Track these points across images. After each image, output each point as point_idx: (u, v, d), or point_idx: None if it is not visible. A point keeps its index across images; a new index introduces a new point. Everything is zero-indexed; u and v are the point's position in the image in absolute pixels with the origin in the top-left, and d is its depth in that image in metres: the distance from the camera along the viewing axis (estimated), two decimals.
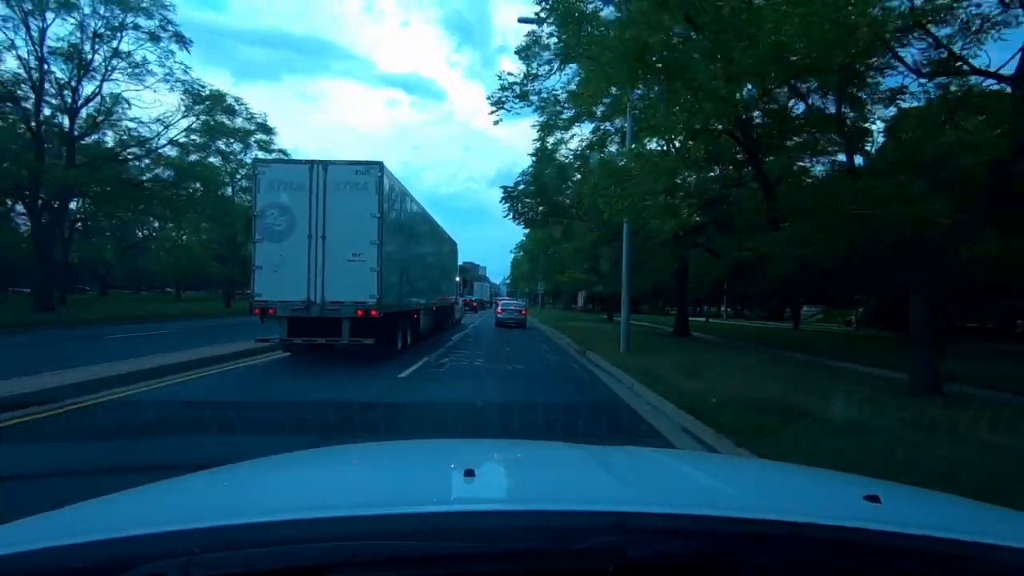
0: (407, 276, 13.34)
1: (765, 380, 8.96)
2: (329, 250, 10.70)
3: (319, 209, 10.70)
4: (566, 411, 6.92)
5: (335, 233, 10.72)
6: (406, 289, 13.24)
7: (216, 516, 0.94)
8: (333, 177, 10.73)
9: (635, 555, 0.80)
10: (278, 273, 10.64)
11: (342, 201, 10.73)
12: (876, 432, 5.52)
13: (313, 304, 10.67)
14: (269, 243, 10.67)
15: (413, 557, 0.82)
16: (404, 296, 13.10)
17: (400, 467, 1.56)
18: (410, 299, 13.76)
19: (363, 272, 10.67)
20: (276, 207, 10.68)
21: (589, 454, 1.61)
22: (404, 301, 13.09)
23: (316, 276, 10.69)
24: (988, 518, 1.23)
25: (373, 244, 10.70)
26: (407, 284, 13.34)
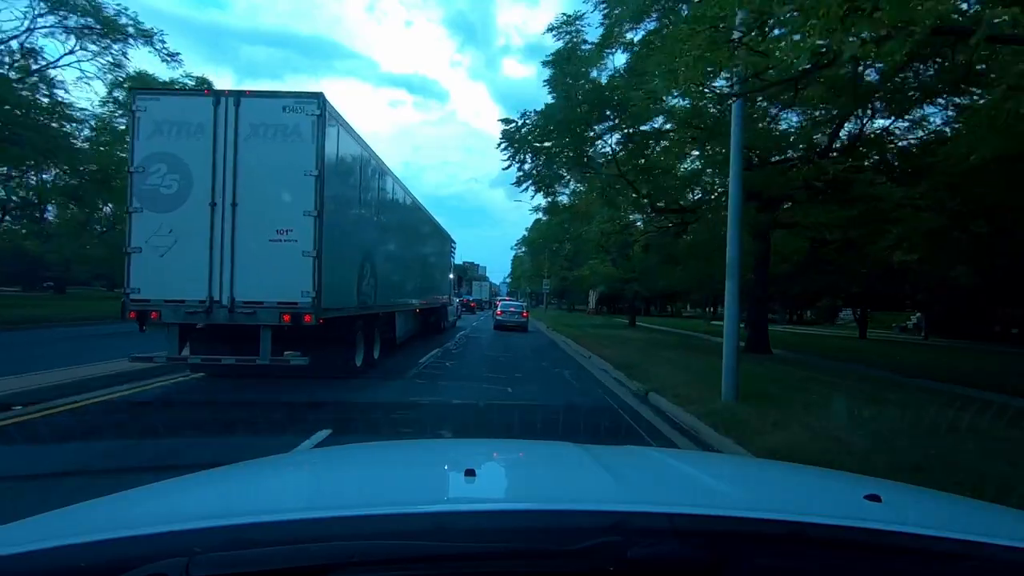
0: (374, 268, 9.81)
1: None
2: (242, 224, 7.17)
3: (228, 164, 7.17)
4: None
5: (252, 199, 7.19)
6: (371, 285, 9.71)
7: (217, 516, 0.93)
8: (249, 115, 7.19)
9: (636, 555, 0.80)
10: (166, 259, 7.11)
11: (262, 152, 7.20)
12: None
13: (217, 305, 7.14)
14: (152, 213, 7.13)
15: (414, 557, 0.82)
16: (368, 294, 9.56)
17: (401, 467, 1.55)
18: (379, 298, 10.24)
19: (292, 258, 7.14)
20: (163, 160, 7.14)
21: (589, 454, 1.59)
22: (368, 301, 9.56)
23: (222, 264, 7.16)
24: (989, 517, 1.23)
25: (309, 216, 7.16)
26: (373, 278, 9.81)
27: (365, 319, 9.47)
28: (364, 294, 9.34)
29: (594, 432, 5.65)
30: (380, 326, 10.81)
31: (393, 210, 11.83)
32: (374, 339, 10.24)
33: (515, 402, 7.23)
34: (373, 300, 9.91)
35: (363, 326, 9.36)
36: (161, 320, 7.12)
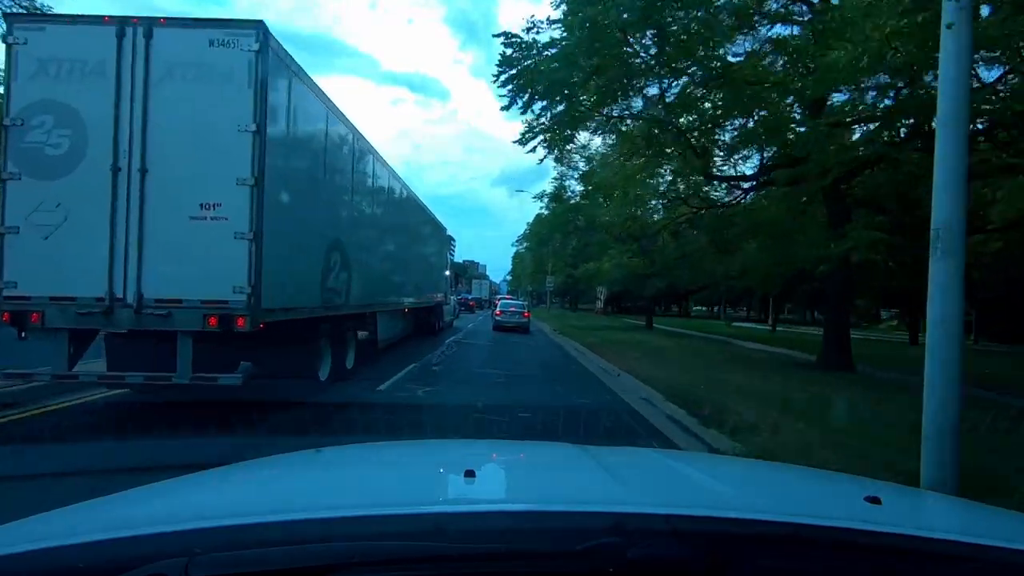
0: (345, 259, 8.02)
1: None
2: (155, 197, 5.38)
3: (136, 116, 5.37)
4: None
5: (167, 164, 5.39)
6: (342, 279, 7.92)
7: (217, 516, 0.94)
8: (165, 51, 5.39)
9: (635, 556, 0.80)
10: (52, 242, 5.31)
11: (182, 101, 5.40)
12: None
13: (120, 305, 5.34)
14: (34, 181, 5.33)
15: (413, 557, 0.82)
16: (338, 290, 7.78)
17: (401, 468, 1.55)
18: (354, 296, 8.45)
19: (221, 241, 5.34)
20: (49, 110, 5.33)
21: (589, 455, 1.59)
22: (337, 299, 7.77)
23: (127, 249, 5.36)
24: (988, 519, 1.23)
25: (244, 186, 5.36)
26: (345, 271, 8.02)
27: (333, 321, 7.67)
28: (332, 290, 7.54)
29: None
30: (356, 329, 9.01)
31: (376, 193, 10.03)
32: (346, 345, 8.44)
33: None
34: (345, 298, 8.11)
35: (330, 330, 7.56)
36: (45, 324, 5.32)
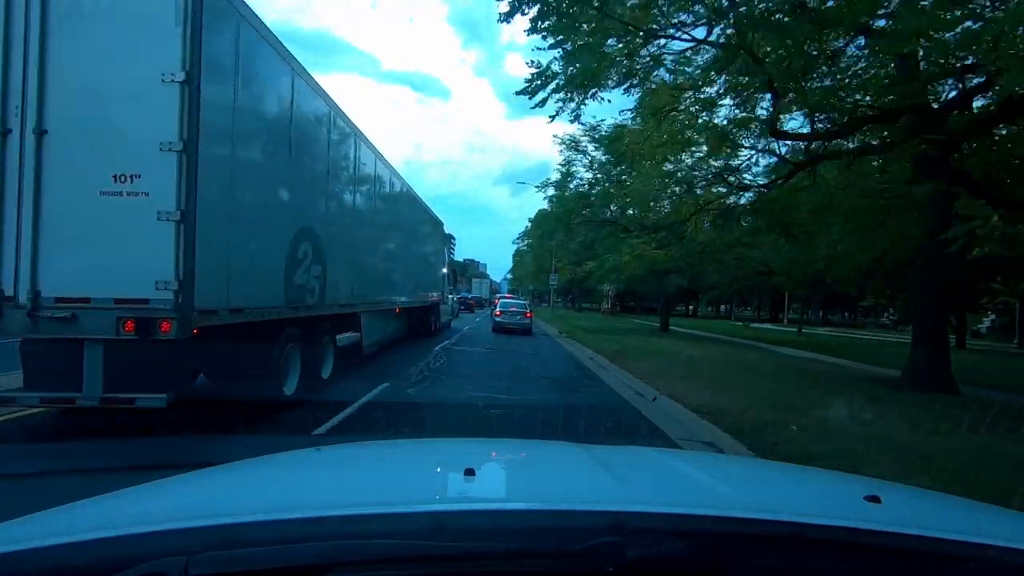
0: (319, 250, 6.84)
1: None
2: (56, 165, 4.18)
3: (31, 64, 4.17)
4: None
5: (72, 123, 4.20)
6: (315, 274, 6.74)
7: (215, 515, 0.92)
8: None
9: (635, 555, 0.79)
10: None
11: (90, 41, 4.20)
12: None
13: (9, 304, 4.15)
14: None
15: (412, 556, 0.82)
16: (309, 287, 6.60)
17: (400, 466, 1.53)
18: (330, 293, 7.27)
19: (142, 222, 4.15)
20: None
21: (589, 454, 1.58)
22: (308, 297, 6.59)
23: (20, 233, 4.16)
24: (989, 519, 1.22)
25: (170, 152, 4.16)
26: (319, 264, 6.84)
27: (304, 324, 6.49)
28: (301, 287, 6.36)
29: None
30: (334, 332, 7.83)
31: (361, 180, 8.86)
32: (322, 352, 7.26)
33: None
34: (319, 296, 6.92)
35: (300, 334, 6.38)
36: None
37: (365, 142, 8.96)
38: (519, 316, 20.48)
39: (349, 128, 8.14)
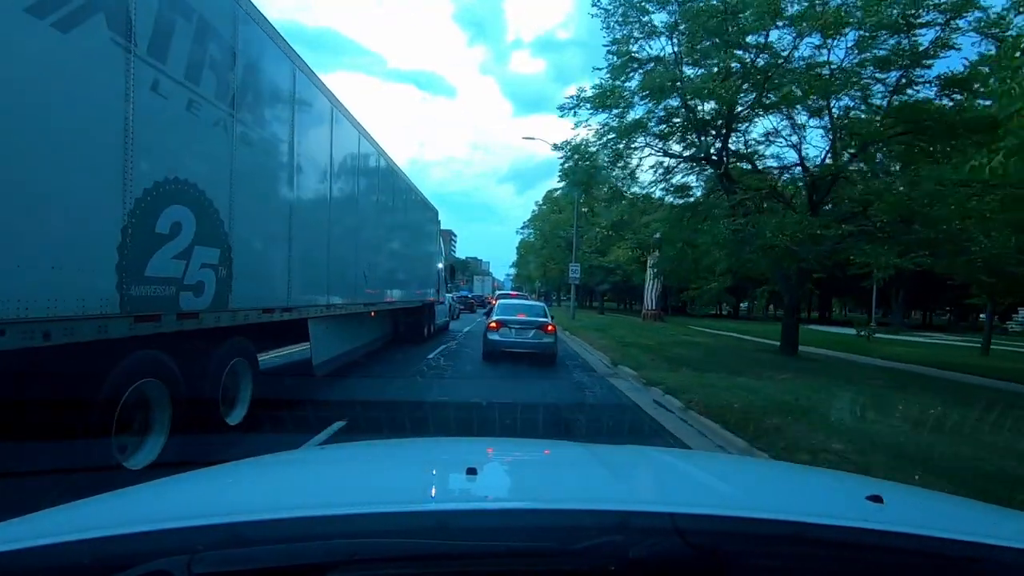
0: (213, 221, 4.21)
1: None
2: None
3: None
4: None
5: None
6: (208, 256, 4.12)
7: (218, 514, 0.92)
8: None
9: (637, 554, 0.78)
10: None
11: None
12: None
13: None
14: None
15: (415, 555, 0.81)
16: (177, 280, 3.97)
17: (403, 465, 1.51)
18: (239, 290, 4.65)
19: None
20: None
21: (591, 453, 1.59)
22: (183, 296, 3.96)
23: None
24: (992, 519, 1.21)
25: None
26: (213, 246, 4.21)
27: (178, 345, 3.86)
28: (165, 280, 3.72)
29: None
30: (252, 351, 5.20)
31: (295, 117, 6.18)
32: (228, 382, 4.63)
33: None
34: (212, 297, 4.27)
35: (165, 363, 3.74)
36: None
37: (327, 94, 6.41)
38: (533, 330, 10.80)
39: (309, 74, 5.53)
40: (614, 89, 13.70)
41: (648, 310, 31.58)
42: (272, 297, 5.35)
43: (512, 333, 10.80)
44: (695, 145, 14.18)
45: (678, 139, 14.59)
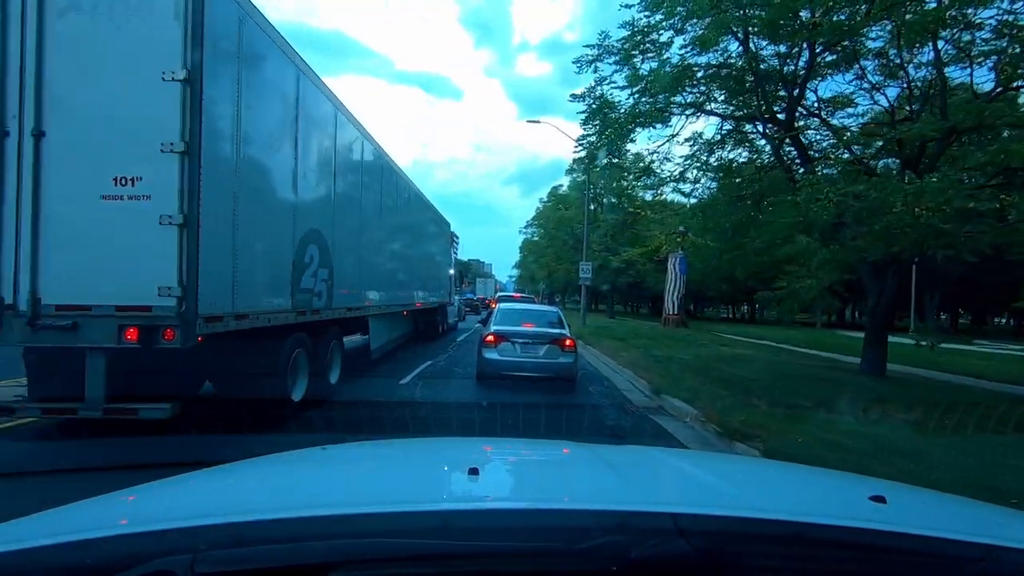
0: (327, 253, 6.69)
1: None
2: (54, 169, 4.04)
3: (28, 61, 4.03)
4: None
5: (70, 125, 4.05)
6: (322, 278, 6.58)
7: (221, 513, 0.92)
8: None
9: (639, 555, 0.78)
10: None
11: (88, 40, 4.05)
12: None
13: (10, 313, 4.01)
14: None
15: (417, 555, 0.81)
16: (316, 291, 6.44)
17: (404, 465, 1.53)
18: (338, 297, 7.11)
19: (144, 227, 4.00)
20: None
21: (594, 453, 1.58)
22: (316, 302, 6.43)
23: (19, 239, 4.02)
24: (995, 519, 1.21)
25: (171, 154, 4.01)
26: (326, 268, 6.68)
27: (311, 329, 6.33)
28: (307, 292, 6.20)
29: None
30: (341, 336, 7.67)
31: (367, 180, 8.68)
32: (330, 357, 7.10)
33: None
34: (327, 300, 6.76)
35: (306, 340, 6.22)
36: None
37: (370, 142, 8.81)
38: (546, 345, 8.03)
39: (355, 128, 7.98)
40: (652, 26, 10.00)
41: (669, 314, 27.33)
42: (351, 300, 7.82)
43: (516, 350, 7.92)
44: (753, 104, 10.63)
45: (727, 97, 10.97)
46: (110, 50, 4.03)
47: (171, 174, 4.00)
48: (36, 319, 3.98)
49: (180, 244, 4.00)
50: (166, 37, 4.01)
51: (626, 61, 10.56)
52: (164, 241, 3.99)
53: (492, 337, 8.06)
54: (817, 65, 10.13)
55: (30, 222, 3.99)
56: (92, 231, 4.01)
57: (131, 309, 3.98)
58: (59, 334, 3.98)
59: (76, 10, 4.03)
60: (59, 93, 4.03)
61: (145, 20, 4.02)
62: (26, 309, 3.99)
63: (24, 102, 4.01)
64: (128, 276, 3.99)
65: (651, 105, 10.59)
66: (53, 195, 4.02)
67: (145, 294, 3.97)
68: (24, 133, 4.01)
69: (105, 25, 4.03)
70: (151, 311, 3.98)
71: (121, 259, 4.00)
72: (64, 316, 3.99)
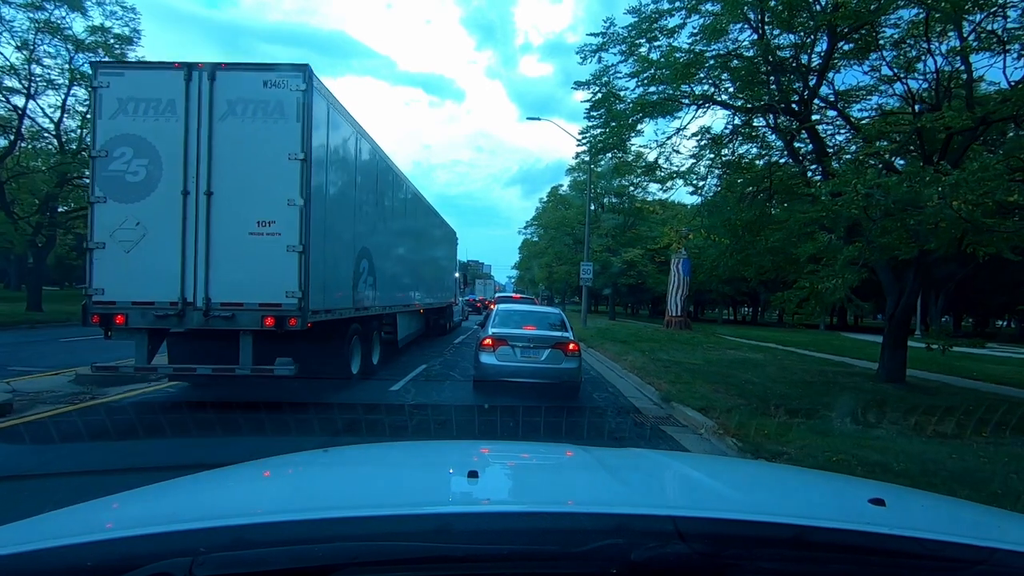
0: (372, 265, 8.94)
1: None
2: (219, 216, 6.30)
3: (202, 147, 6.30)
4: None
5: (229, 188, 6.32)
6: (369, 283, 8.84)
7: (221, 516, 0.93)
8: (226, 91, 6.31)
9: (639, 557, 0.79)
10: (133, 255, 6.25)
11: (241, 133, 6.32)
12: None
13: (191, 308, 6.27)
14: (117, 203, 6.27)
15: (417, 558, 0.82)
16: (366, 294, 8.70)
17: (404, 468, 1.53)
18: (379, 298, 9.37)
19: (276, 253, 6.26)
20: (129, 142, 6.27)
21: (592, 456, 1.57)
22: (366, 301, 8.69)
23: (196, 261, 6.29)
24: (994, 522, 1.20)
25: (294, 206, 6.28)
26: (371, 276, 8.94)
27: (362, 321, 8.60)
28: (361, 294, 8.47)
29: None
30: (380, 328, 9.94)
31: (393, 201, 10.95)
32: (373, 343, 9.37)
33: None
34: (373, 300, 9.04)
35: (360, 329, 8.49)
36: (128, 325, 6.27)
37: (392, 165, 11.10)
38: (548, 349, 7.63)
39: (391, 165, 10.27)
40: (660, 12, 9.77)
41: (672, 316, 26.66)
42: (386, 300, 10.09)
43: (516, 355, 7.59)
44: (765, 96, 10.12)
45: (739, 88, 10.51)
46: (254, 140, 6.30)
47: (293, 219, 6.27)
48: (208, 312, 6.24)
49: (299, 264, 6.27)
50: (290, 132, 6.28)
51: (633, 50, 10.25)
52: (289, 262, 6.26)
53: (490, 340, 7.64)
54: (835, 54, 9.66)
55: (204, 250, 6.26)
56: (243, 255, 6.27)
57: (268, 305, 6.25)
58: (222, 321, 6.25)
59: (232, 115, 6.30)
60: (221, 167, 6.30)
61: (276, 121, 6.29)
62: (201, 305, 6.25)
63: (199, 173, 6.28)
64: (266, 284, 6.25)
65: (659, 94, 10.21)
66: (217, 232, 6.28)
67: (277, 296, 6.24)
68: (199, 193, 6.28)
69: (251, 124, 6.30)
70: (281, 307, 6.24)
71: (262, 273, 6.26)
72: (226, 310, 6.25)
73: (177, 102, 6.27)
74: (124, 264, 6.24)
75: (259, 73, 6.33)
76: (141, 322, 6.28)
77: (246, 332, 6.29)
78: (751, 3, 8.96)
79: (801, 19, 9.16)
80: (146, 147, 6.26)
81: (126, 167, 6.25)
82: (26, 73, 18.75)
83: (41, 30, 18.37)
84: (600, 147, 12.01)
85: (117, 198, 6.26)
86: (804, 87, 10.14)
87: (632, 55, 10.30)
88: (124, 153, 6.26)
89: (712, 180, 12.38)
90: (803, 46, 9.86)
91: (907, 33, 9.38)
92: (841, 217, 7.77)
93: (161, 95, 6.28)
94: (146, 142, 6.26)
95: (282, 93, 6.30)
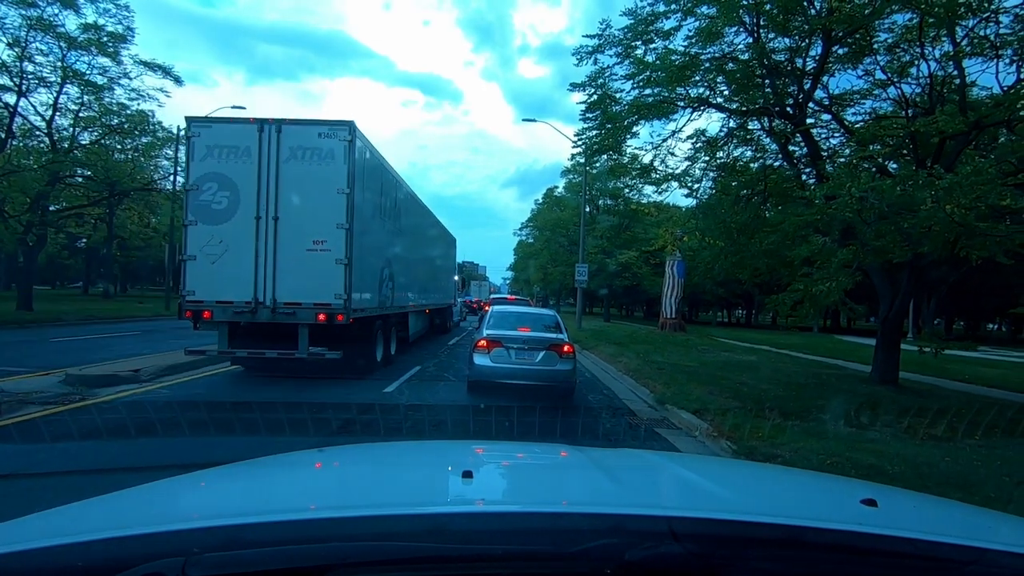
0: (391, 271, 10.88)
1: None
2: (283, 236, 8.23)
3: (270, 182, 8.23)
4: None
5: (291, 214, 8.25)
6: (389, 288, 10.78)
7: (215, 516, 0.94)
8: (289, 140, 8.24)
9: (633, 557, 0.79)
10: (217, 265, 8.17)
11: (300, 172, 8.25)
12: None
13: (261, 306, 8.19)
14: (205, 225, 8.19)
15: (411, 558, 0.82)
16: (387, 296, 10.63)
17: (398, 468, 1.53)
18: (396, 299, 11.31)
19: (327, 265, 8.20)
20: (215, 179, 8.20)
21: (587, 456, 1.58)
22: (387, 303, 10.62)
23: (266, 270, 8.21)
24: (984, 522, 1.21)
25: (341, 228, 8.22)
26: (391, 281, 10.88)
27: (384, 319, 10.54)
28: (384, 296, 10.40)
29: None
30: (396, 325, 11.87)
31: (407, 217, 12.87)
32: (391, 337, 11.31)
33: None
34: (391, 302, 10.97)
35: (382, 325, 10.42)
36: (213, 319, 8.18)
37: (406, 186, 13.01)
38: (542, 351, 7.67)
39: (408, 189, 12.21)
40: (656, 14, 9.74)
41: (667, 318, 27.21)
42: (401, 301, 12.03)
43: (511, 356, 7.68)
44: (760, 99, 10.02)
45: (734, 91, 10.49)
46: (311, 177, 8.24)
47: (340, 239, 8.21)
48: (275, 309, 8.16)
49: (345, 273, 8.20)
50: (338, 172, 8.22)
51: (628, 53, 10.25)
52: (337, 272, 8.19)
53: (484, 342, 7.69)
54: (830, 58, 9.76)
55: (272, 261, 8.18)
56: (302, 266, 8.19)
57: (321, 305, 8.17)
58: (285, 316, 8.17)
59: (294, 159, 8.23)
60: (285, 198, 8.23)
61: (328, 164, 8.23)
62: (269, 304, 8.17)
63: (268, 203, 8.20)
64: (320, 288, 8.18)
65: (655, 97, 10.20)
66: (282, 249, 8.21)
67: (328, 297, 8.17)
68: (268, 218, 8.20)
69: (308, 165, 8.23)
70: (331, 306, 8.17)
71: (316, 280, 8.19)
72: (289, 308, 8.17)
73: (252, 148, 8.20)
74: (210, 272, 8.16)
75: (315, 127, 8.28)
76: (223, 316, 8.20)
77: (303, 325, 8.21)
78: (747, 7, 8.96)
79: (796, 23, 9.23)
80: (228, 183, 8.19)
81: (212, 198, 8.18)
82: (17, 70, 18.61)
83: (33, 27, 18.09)
84: (596, 149, 11.98)
85: (205, 221, 8.18)
86: (799, 91, 10.11)
87: (628, 57, 10.32)
88: (211, 187, 8.18)
89: (707, 183, 12.38)
90: (798, 50, 9.88)
91: (901, 38, 9.48)
92: (835, 220, 7.76)
93: (239, 143, 8.21)
94: (228, 179, 8.19)
95: (332, 143, 8.24)
